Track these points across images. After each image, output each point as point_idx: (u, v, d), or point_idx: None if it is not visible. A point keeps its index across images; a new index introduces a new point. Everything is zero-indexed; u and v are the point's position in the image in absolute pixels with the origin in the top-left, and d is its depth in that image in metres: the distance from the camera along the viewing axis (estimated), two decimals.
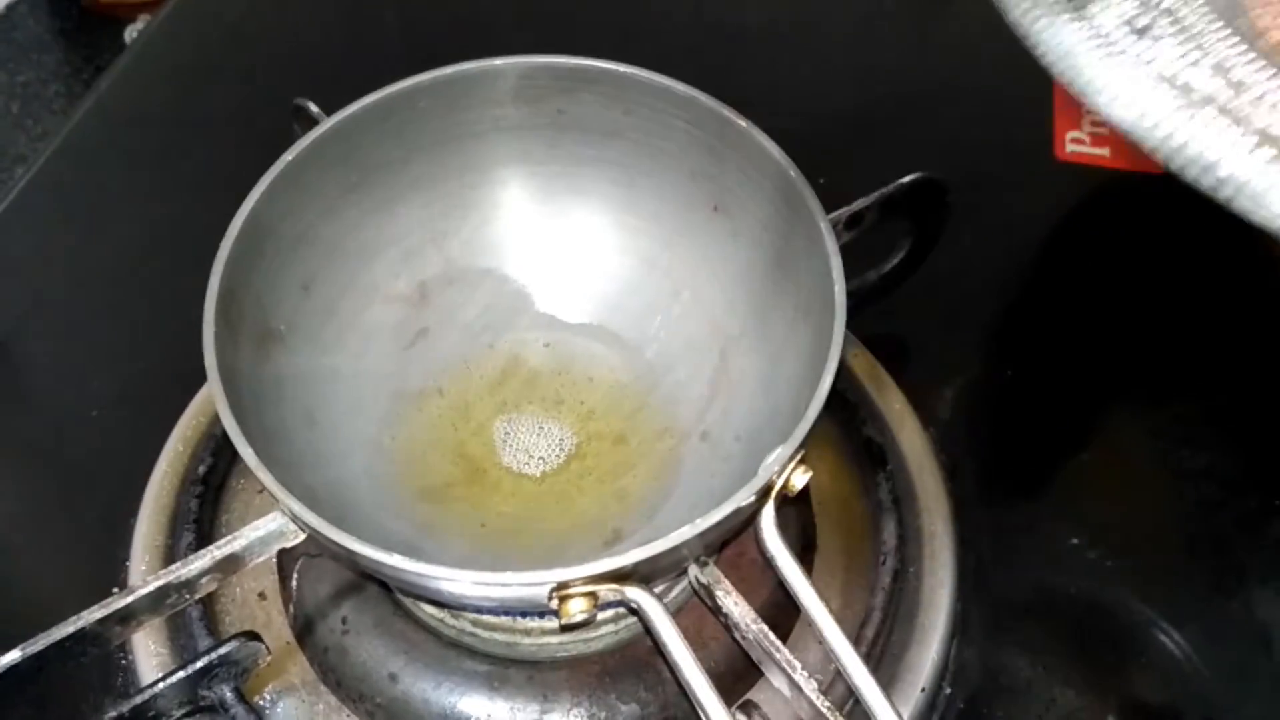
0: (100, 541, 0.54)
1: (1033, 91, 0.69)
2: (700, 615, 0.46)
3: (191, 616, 0.50)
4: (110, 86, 0.75)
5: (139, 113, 0.74)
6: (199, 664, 0.43)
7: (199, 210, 0.51)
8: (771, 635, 0.43)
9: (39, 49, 0.82)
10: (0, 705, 0.42)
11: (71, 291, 0.64)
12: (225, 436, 0.54)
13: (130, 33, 0.79)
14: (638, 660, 0.48)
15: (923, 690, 0.49)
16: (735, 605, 0.43)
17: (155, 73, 0.75)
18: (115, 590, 0.45)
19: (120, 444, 0.57)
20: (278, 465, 0.42)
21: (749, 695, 0.48)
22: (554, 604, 0.40)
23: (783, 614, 0.48)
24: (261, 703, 0.48)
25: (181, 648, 0.50)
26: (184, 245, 0.52)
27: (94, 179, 0.70)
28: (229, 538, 0.43)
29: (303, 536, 0.43)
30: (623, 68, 0.51)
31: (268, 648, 0.44)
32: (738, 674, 0.48)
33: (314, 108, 0.54)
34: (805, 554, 0.52)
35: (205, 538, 0.52)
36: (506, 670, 0.47)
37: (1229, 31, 0.38)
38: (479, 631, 0.48)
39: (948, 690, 0.50)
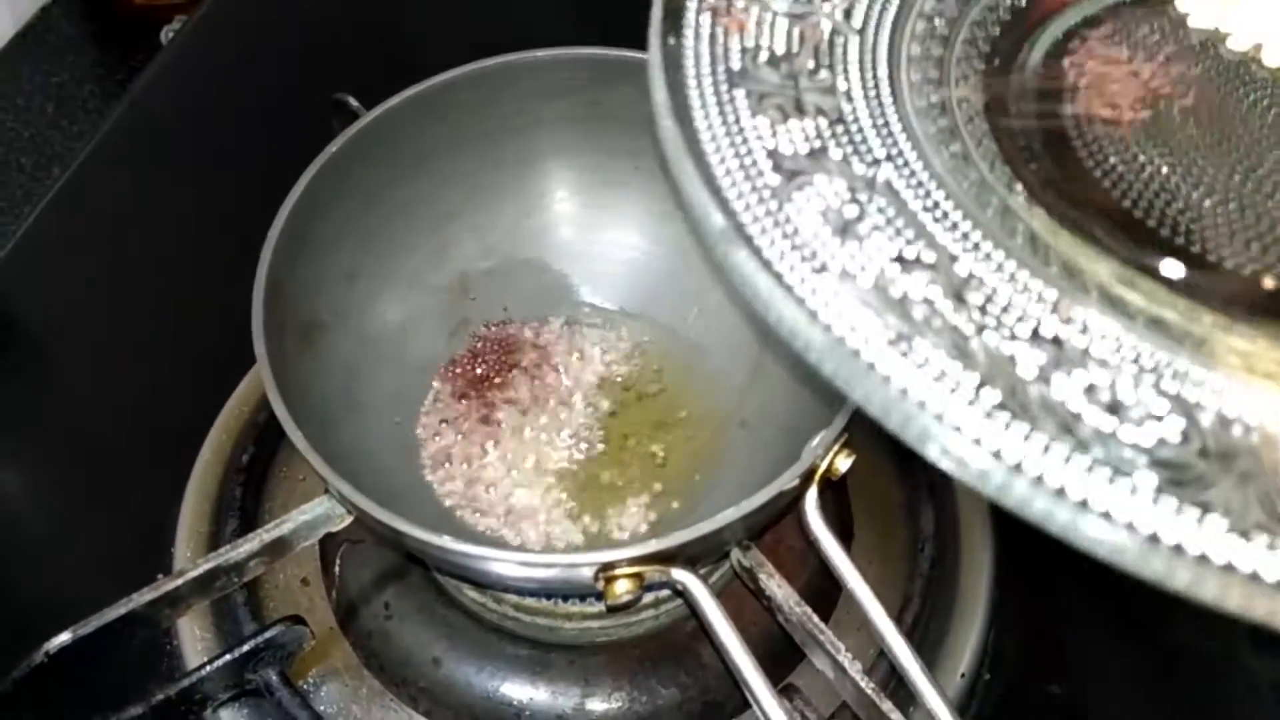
0: (145, 529, 0.54)
1: None
2: (739, 600, 0.47)
3: (236, 602, 0.51)
4: (146, 86, 0.75)
5: (175, 111, 0.75)
6: (244, 648, 0.44)
7: (237, 205, 0.52)
8: (815, 618, 0.43)
9: (73, 50, 0.83)
10: (51, 686, 0.42)
11: (113, 286, 0.64)
12: (268, 425, 0.55)
13: (166, 33, 0.80)
14: (678, 645, 0.48)
15: (962, 675, 0.49)
16: (779, 588, 0.44)
17: (192, 72, 0.76)
18: (160, 577, 0.46)
19: (164, 433, 0.58)
20: (324, 449, 0.42)
21: (789, 679, 0.48)
22: (600, 585, 0.40)
23: (822, 598, 0.48)
24: (305, 686, 0.49)
25: (226, 633, 0.50)
26: (222, 239, 0.53)
27: (131, 177, 0.71)
28: (277, 521, 0.44)
29: (349, 519, 0.44)
30: None
31: (312, 632, 0.45)
32: (777, 658, 0.48)
33: (353, 102, 0.55)
34: (843, 542, 0.52)
35: (249, 525, 0.53)
36: (548, 654, 0.48)
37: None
38: (521, 616, 0.49)
39: (987, 676, 0.50)
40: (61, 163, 0.73)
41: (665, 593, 0.48)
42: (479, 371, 0.54)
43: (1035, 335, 0.28)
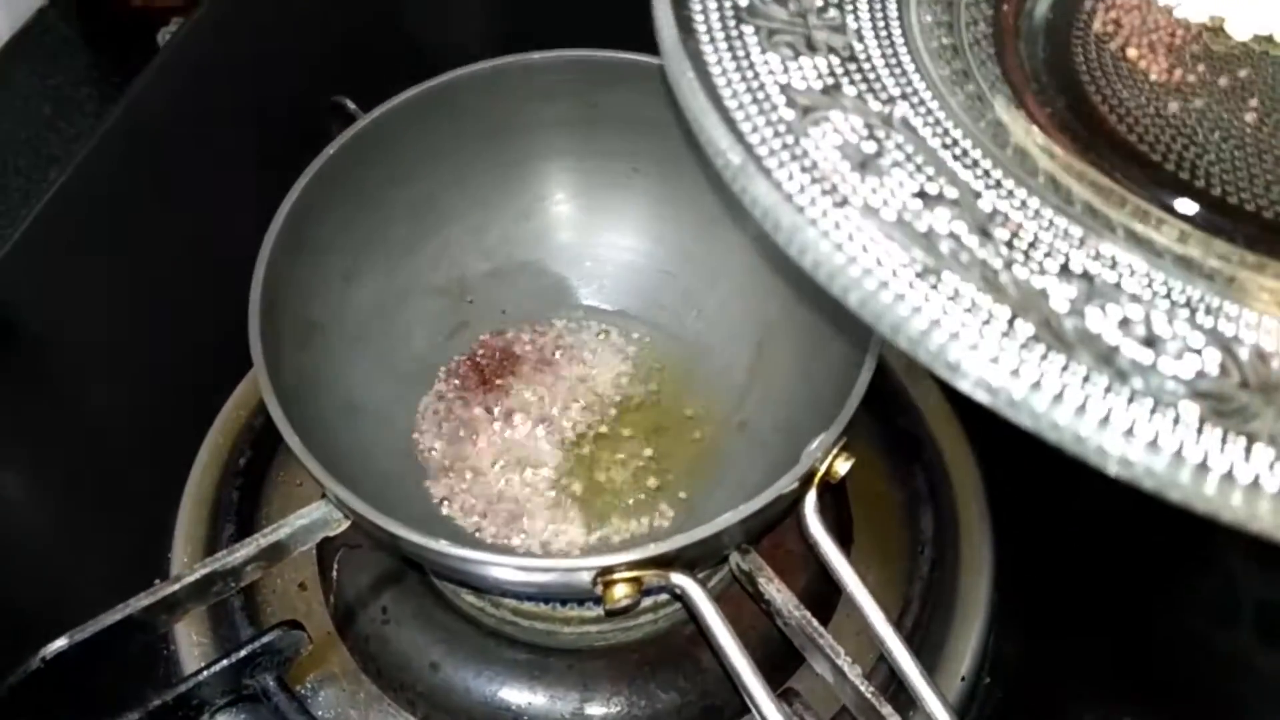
0: (142, 533, 0.54)
1: None
2: (738, 604, 0.46)
3: (234, 606, 0.50)
4: (143, 88, 0.75)
5: (173, 114, 0.74)
6: (242, 653, 0.44)
7: (234, 207, 0.52)
8: (814, 621, 0.43)
9: (70, 52, 0.82)
10: (48, 692, 0.42)
11: (110, 289, 0.64)
12: (265, 429, 0.55)
13: (163, 35, 0.80)
14: (677, 649, 0.48)
15: (963, 679, 0.49)
16: (778, 592, 0.43)
17: (189, 74, 0.76)
18: (157, 581, 0.45)
19: (161, 437, 0.57)
20: (321, 453, 0.42)
21: (789, 683, 0.48)
22: (598, 590, 0.40)
23: (821, 602, 0.48)
24: (303, 691, 0.49)
25: (224, 638, 0.50)
26: (220, 242, 0.52)
27: (129, 179, 0.71)
28: (274, 526, 0.44)
29: (347, 524, 0.44)
30: (657, 60, 0.51)
31: (309, 637, 0.45)
32: (776, 662, 0.47)
33: (351, 105, 0.55)
34: (842, 545, 0.52)
35: (246, 529, 0.52)
36: (547, 659, 0.48)
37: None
38: (519, 620, 0.49)
39: (987, 679, 0.50)
40: (59, 165, 0.73)
41: (664, 597, 0.48)
42: (478, 375, 0.54)
43: (1065, 270, 0.27)
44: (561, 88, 0.53)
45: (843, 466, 0.42)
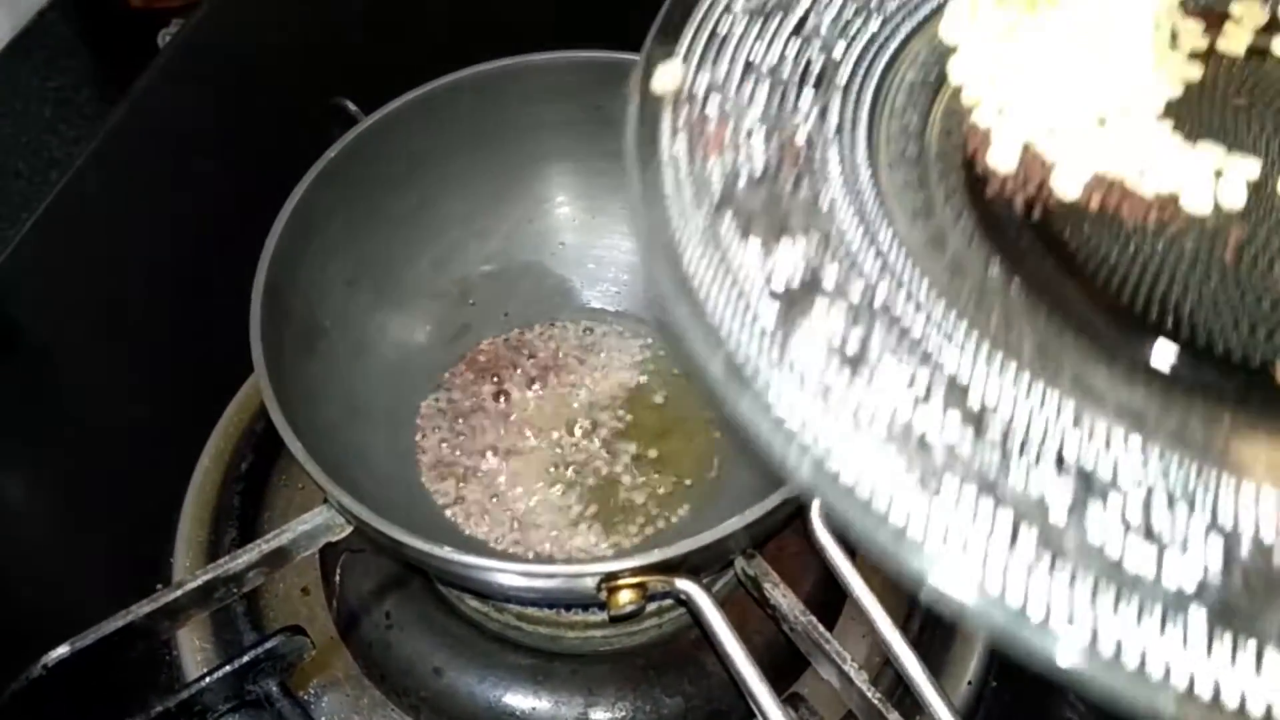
0: (144, 539, 0.54)
1: None
2: (743, 609, 0.46)
3: (236, 612, 0.50)
4: (144, 90, 0.75)
5: (173, 115, 0.74)
6: (245, 659, 0.44)
7: (236, 210, 0.52)
8: (820, 626, 0.42)
9: (71, 54, 0.82)
10: (50, 699, 0.42)
11: (111, 293, 0.64)
12: (267, 433, 0.54)
13: (164, 36, 0.79)
14: (682, 654, 0.48)
15: (969, 684, 0.49)
16: (783, 597, 0.43)
17: (189, 75, 0.76)
18: (159, 587, 0.45)
19: (163, 441, 0.57)
20: (323, 458, 0.42)
21: (794, 688, 0.48)
22: (602, 595, 0.40)
23: (826, 607, 0.48)
24: (306, 697, 0.48)
25: (226, 643, 0.50)
26: (222, 245, 0.52)
27: (130, 181, 0.70)
28: (276, 531, 0.43)
29: (349, 529, 0.43)
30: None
31: (312, 642, 0.45)
32: (781, 667, 0.47)
33: (352, 106, 0.54)
34: (849, 550, 0.52)
35: (248, 534, 0.52)
36: (551, 664, 0.47)
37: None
38: (523, 625, 0.48)
39: (994, 684, 0.50)
40: (60, 167, 0.73)
41: (669, 601, 0.48)
42: (481, 378, 0.54)
43: (1060, 464, 0.26)
44: (564, 89, 0.52)
45: None
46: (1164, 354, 0.29)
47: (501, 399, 0.53)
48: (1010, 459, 0.26)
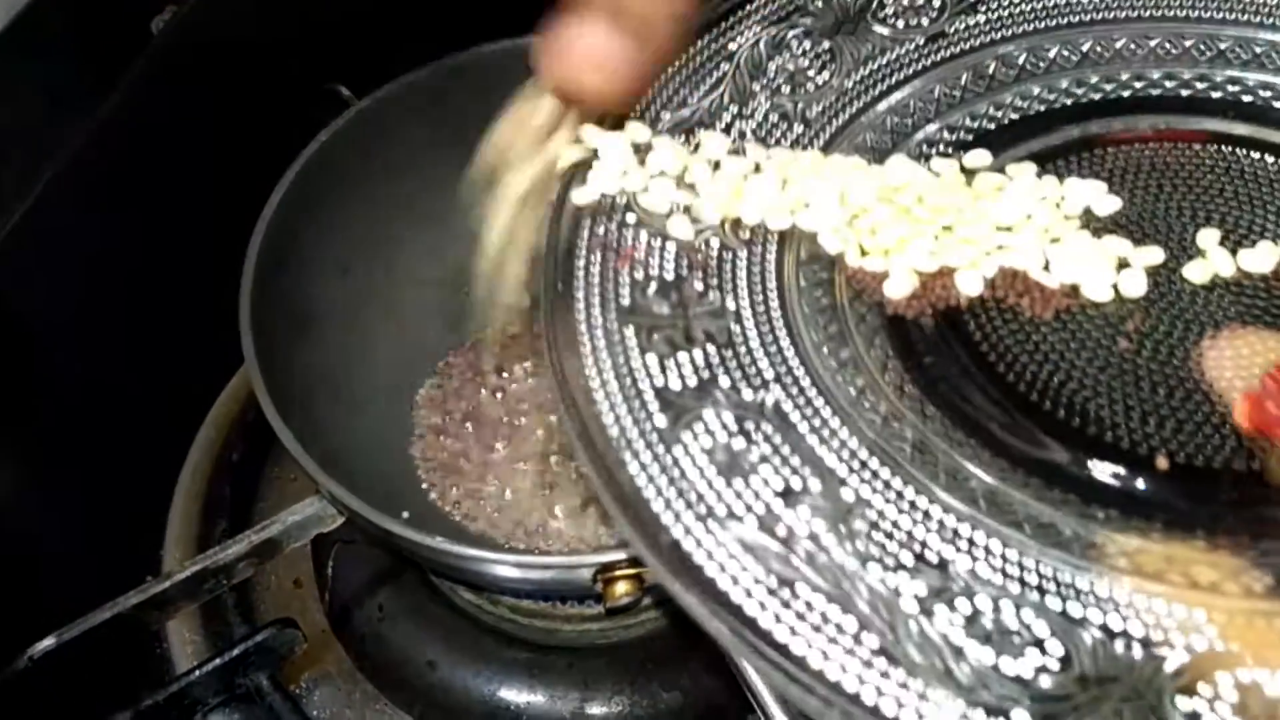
0: (134, 531, 0.53)
1: None
2: None
3: (227, 604, 0.50)
4: (137, 77, 0.74)
5: (167, 103, 0.73)
6: (235, 651, 0.43)
7: (230, 198, 0.51)
8: None
9: (63, 42, 0.81)
10: (36, 692, 0.41)
11: (102, 283, 0.63)
12: (258, 424, 0.54)
13: (157, 24, 0.79)
14: (679, 647, 0.47)
15: None
16: None
17: (182, 62, 0.75)
18: (150, 579, 0.45)
19: (153, 432, 0.57)
20: (315, 448, 0.41)
21: None
22: (598, 587, 0.39)
23: None
24: (297, 691, 0.48)
25: (217, 636, 0.49)
26: (214, 234, 0.52)
27: (122, 170, 0.70)
28: (266, 522, 0.43)
29: (341, 520, 0.43)
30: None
31: (304, 635, 0.44)
32: None
33: (345, 91, 0.54)
34: None
35: (239, 525, 0.52)
36: (546, 657, 0.47)
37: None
38: (518, 618, 0.48)
39: None
40: (51, 157, 0.72)
41: (665, 594, 0.47)
42: (475, 367, 0.53)
43: (921, 559, 0.27)
44: None
45: None
46: (1052, 451, 0.30)
47: (497, 388, 0.53)
48: (869, 559, 0.27)
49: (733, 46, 0.37)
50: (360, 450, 0.48)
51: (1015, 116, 0.37)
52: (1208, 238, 0.33)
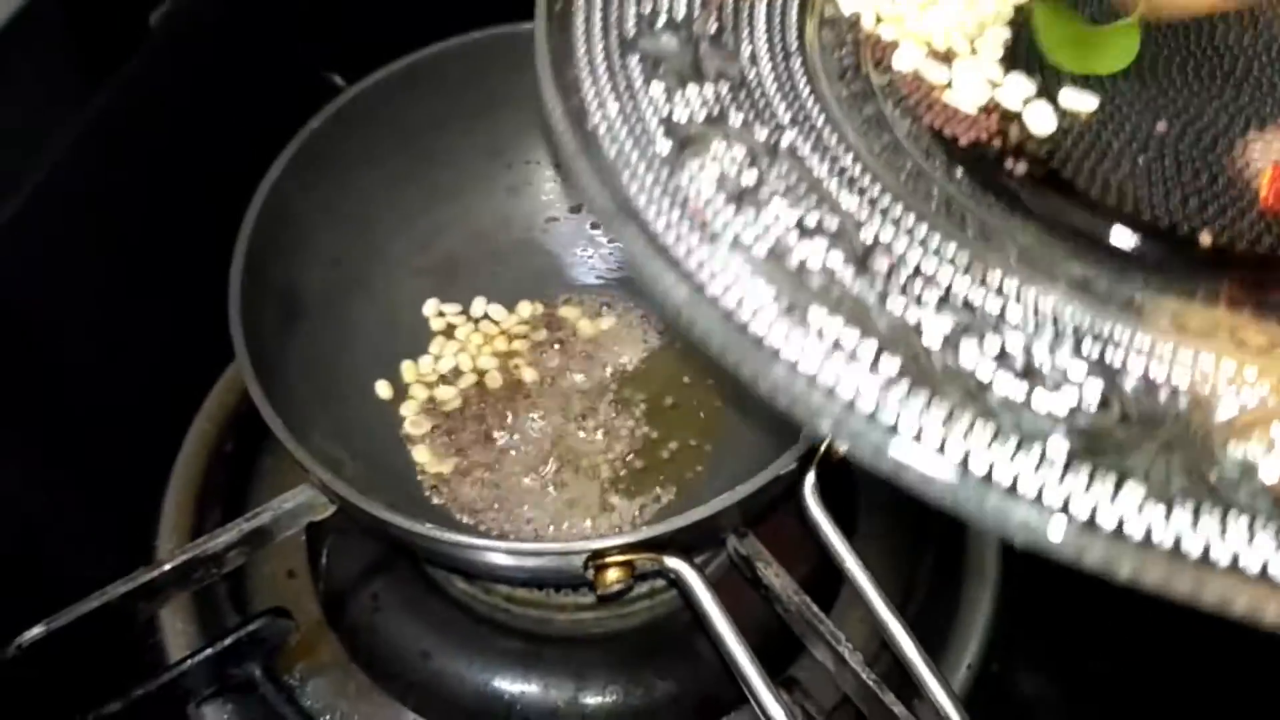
0: (128, 520, 0.53)
1: None
2: (736, 591, 0.45)
3: (220, 594, 0.49)
4: (134, 71, 0.74)
5: (163, 95, 0.73)
6: (227, 641, 0.43)
7: (225, 190, 0.51)
8: (814, 607, 0.42)
9: (61, 35, 0.81)
10: (25, 681, 0.41)
11: (97, 274, 0.63)
12: (253, 413, 0.53)
13: (155, 17, 0.79)
14: (674, 637, 0.47)
15: (969, 668, 0.48)
16: (776, 577, 0.42)
17: (179, 55, 0.75)
18: (140, 567, 0.45)
19: (147, 422, 0.57)
20: (306, 437, 0.41)
21: (789, 671, 0.47)
22: (590, 574, 0.39)
23: (822, 588, 0.47)
24: (291, 681, 0.47)
25: (209, 626, 0.49)
26: (208, 226, 0.51)
27: (120, 162, 0.70)
28: (257, 510, 0.43)
29: (333, 509, 0.43)
30: None
31: (297, 625, 0.44)
32: (775, 650, 0.46)
33: (339, 80, 0.54)
34: (847, 533, 0.51)
35: (233, 515, 0.51)
36: (541, 647, 0.47)
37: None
38: (512, 608, 0.48)
39: (994, 668, 0.48)
40: (49, 149, 0.72)
41: (660, 582, 0.47)
42: (468, 357, 0.53)
43: (945, 300, 0.26)
44: None
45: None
46: (1087, 221, 0.29)
47: (491, 376, 0.52)
48: (889, 294, 0.26)
49: None
50: (352, 439, 0.47)
51: None
52: None
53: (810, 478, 0.41)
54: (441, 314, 0.53)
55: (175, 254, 0.64)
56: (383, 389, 0.51)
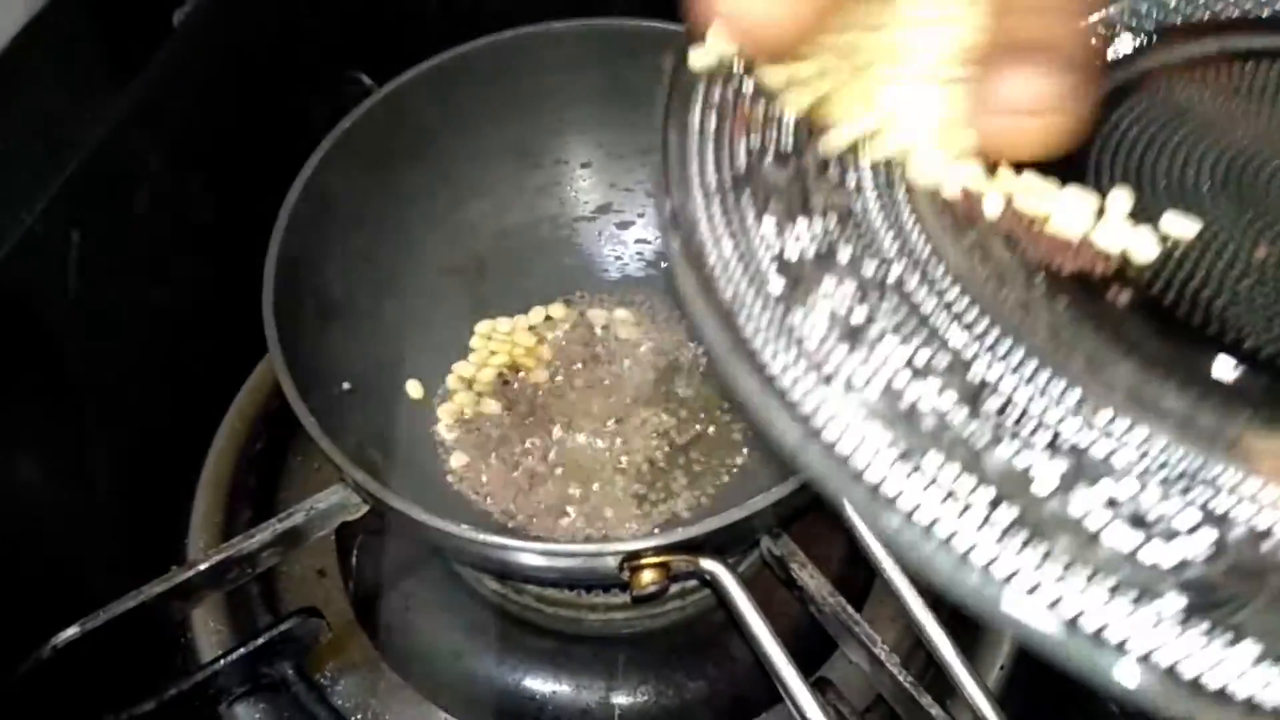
0: (159, 520, 0.53)
1: None
2: (769, 590, 0.45)
3: (251, 594, 0.49)
4: (159, 70, 0.74)
5: (189, 95, 0.73)
6: (259, 641, 0.43)
7: (253, 188, 0.51)
8: (849, 608, 0.41)
9: (86, 35, 0.81)
10: (60, 682, 0.41)
11: (125, 273, 0.63)
12: (282, 412, 0.53)
13: (179, 16, 0.79)
14: (706, 637, 0.47)
15: (1002, 667, 0.47)
16: (811, 578, 0.42)
17: (205, 54, 0.75)
18: (174, 568, 0.45)
19: (177, 421, 0.57)
20: (339, 435, 0.41)
21: (822, 672, 0.47)
22: (625, 576, 0.39)
23: (855, 588, 0.47)
24: (322, 680, 0.47)
25: (241, 626, 0.49)
26: (238, 224, 0.51)
27: (146, 161, 0.70)
28: (290, 510, 0.43)
29: (365, 509, 0.43)
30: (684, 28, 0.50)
31: (328, 624, 0.44)
32: (808, 650, 0.46)
33: (367, 79, 0.53)
34: None
35: (263, 514, 0.51)
36: (572, 647, 0.47)
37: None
38: (544, 607, 0.48)
39: (1029, 667, 0.48)
40: (74, 149, 0.72)
41: (692, 583, 0.47)
42: (500, 356, 0.53)
43: (1053, 445, 0.26)
44: (583, 58, 0.51)
45: None
46: (1191, 353, 0.28)
47: (522, 377, 0.52)
48: (1000, 440, 0.26)
49: None
50: (384, 438, 0.48)
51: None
52: None
53: None
54: (474, 314, 0.53)
55: (204, 251, 0.64)
56: (414, 389, 0.51)
